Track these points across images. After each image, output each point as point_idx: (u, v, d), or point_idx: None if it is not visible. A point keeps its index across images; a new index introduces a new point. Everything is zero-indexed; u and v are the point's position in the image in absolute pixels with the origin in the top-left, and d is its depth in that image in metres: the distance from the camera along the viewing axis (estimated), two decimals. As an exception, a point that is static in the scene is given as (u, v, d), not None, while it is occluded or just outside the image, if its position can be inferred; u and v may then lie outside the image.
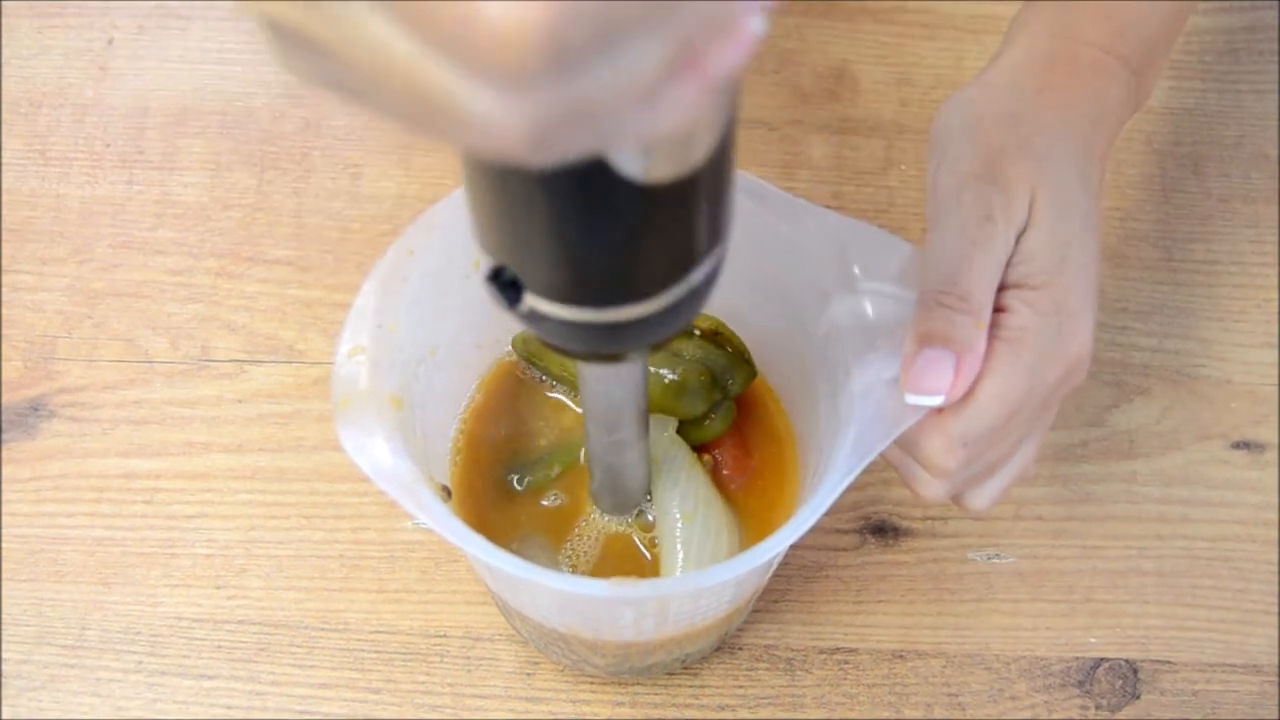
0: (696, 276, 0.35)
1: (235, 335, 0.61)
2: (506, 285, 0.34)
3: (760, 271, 0.50)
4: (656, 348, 0.39)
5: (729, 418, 0.54)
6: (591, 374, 0.44)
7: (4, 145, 0.66)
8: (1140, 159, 0.66)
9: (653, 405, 0.52)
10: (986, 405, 0.43)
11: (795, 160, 0.65)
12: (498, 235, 0.33)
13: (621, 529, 0.52)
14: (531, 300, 0.34)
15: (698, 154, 0.31)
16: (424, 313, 0.48)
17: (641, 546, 0.52)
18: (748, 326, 0.54)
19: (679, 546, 0.50)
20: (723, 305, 0.53)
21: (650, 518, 0.52)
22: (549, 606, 0.48)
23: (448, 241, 0.48)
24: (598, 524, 0.52)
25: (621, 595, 0.43)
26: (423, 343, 0.49)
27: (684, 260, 0.35)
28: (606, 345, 0.36)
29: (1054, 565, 0.57)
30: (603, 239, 0.32)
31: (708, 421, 0.53)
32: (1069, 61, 0.48)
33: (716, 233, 0.35)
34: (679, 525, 0.51)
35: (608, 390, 0.44)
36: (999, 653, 0.56)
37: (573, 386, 0.54)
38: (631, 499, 0.52)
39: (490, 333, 0.54)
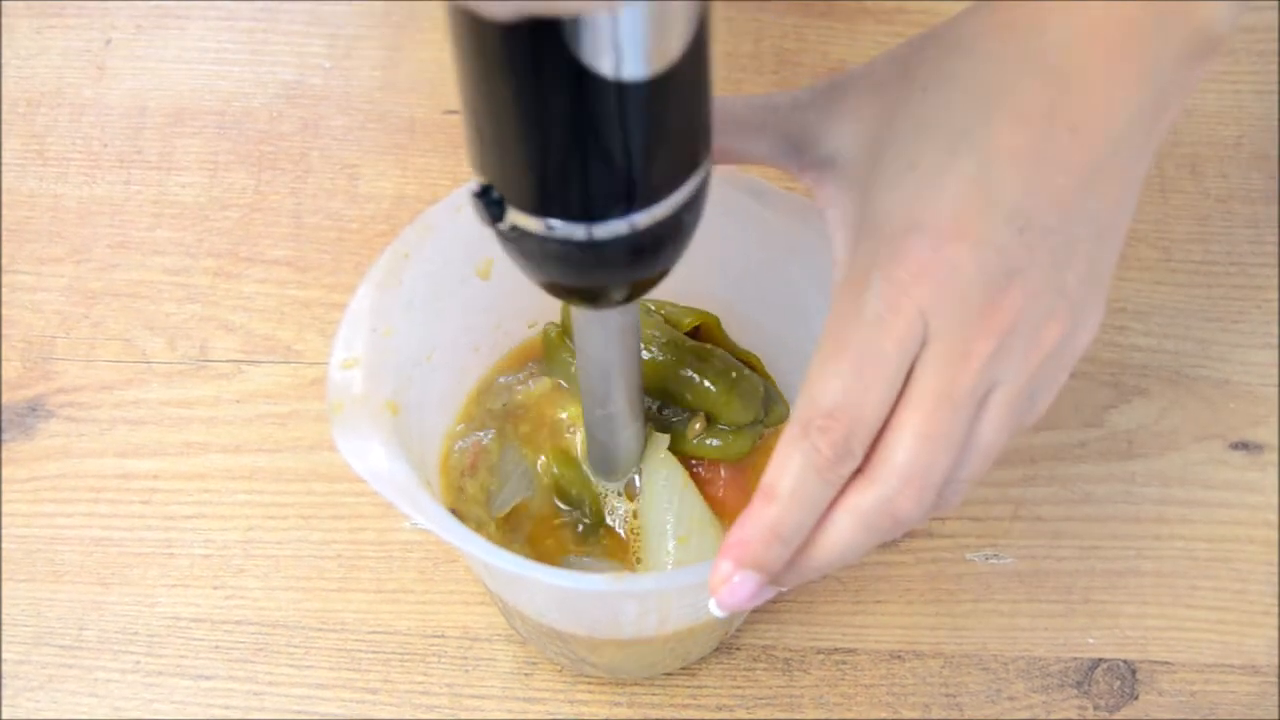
0: (675, 199, 0.36)
1: (233, 335, 0.61)
2: (492, 203, 0.36)
3: (762, 270, 0.50)
4: (636, 294, 0.40)
5: (750, 443, 0.52)
6: (582, 328, 0.44)
7: (2, 145, 0.66)
8: (1139, 159, 0.66)
9: (703, 398, 0.51)
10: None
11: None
12: (482, 147, 0.35)
13: (614, 496, 0.51)
14: (513, 215, 0.36)
15: (669, 51, 0.32)
16: (420, 316, 0.48)
17: (623, 515, 0.51)
18: (750, 325, 0.54)
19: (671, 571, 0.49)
20: (726, 304, 0.53)
21: (638, 484, 0.51)
22: (547, 604, 0.48)
23: (444, 244, 0.47)
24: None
25: (624, 589, 0.43)
26: (419, 346, 0.48)
27: (659, 177, 0.36)
28: (586, 272, 0.37)
29: (1052, 566, 0.57)
30: (575, 141, 0.33)
31: (719, 441, 0.52)
32: None
33: (694, 152, 0.36)
34: (672, 550, 0.49)
35: (599, 351, 0.44)
36: (997, 653, 0.56)
37: None
38: (624, 470, 0.51)
39: (488, 335, 0.53)
